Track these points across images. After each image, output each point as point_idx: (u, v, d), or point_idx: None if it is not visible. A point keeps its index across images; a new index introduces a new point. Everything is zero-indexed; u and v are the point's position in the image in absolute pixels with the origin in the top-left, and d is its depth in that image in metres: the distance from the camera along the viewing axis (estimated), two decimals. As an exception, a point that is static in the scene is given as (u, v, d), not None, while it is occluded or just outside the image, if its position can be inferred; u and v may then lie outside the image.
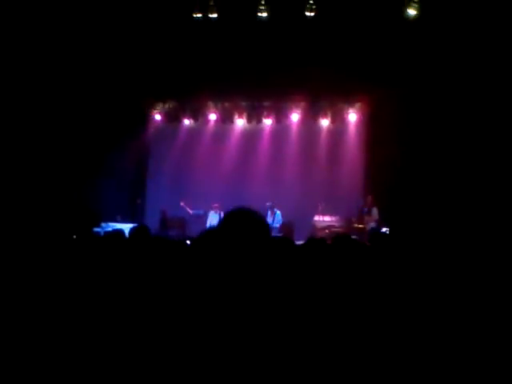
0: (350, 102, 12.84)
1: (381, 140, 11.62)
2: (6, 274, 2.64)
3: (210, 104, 13.58)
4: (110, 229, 8.80)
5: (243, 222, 1.78)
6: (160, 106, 13.80)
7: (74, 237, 4.35)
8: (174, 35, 11.76)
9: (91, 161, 12.29)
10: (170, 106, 13.81)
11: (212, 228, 1.84)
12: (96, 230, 9.83)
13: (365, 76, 11.40)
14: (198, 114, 13.79)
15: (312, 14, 10.90)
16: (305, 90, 12.03)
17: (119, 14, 11.00)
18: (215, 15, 11.26)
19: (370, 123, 12.42)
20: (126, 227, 5.68)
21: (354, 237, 9.65)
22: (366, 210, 11.06)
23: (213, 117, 13.68)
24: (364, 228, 10.83)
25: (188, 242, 3.69)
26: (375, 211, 10.95)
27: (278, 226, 11.82)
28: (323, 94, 12.45)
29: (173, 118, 13.89)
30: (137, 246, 2.91)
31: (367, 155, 12.34)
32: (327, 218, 11.46)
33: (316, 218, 11.50)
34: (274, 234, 11.33)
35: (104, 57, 11.73)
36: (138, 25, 11.40)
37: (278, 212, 11.95)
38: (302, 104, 13.00)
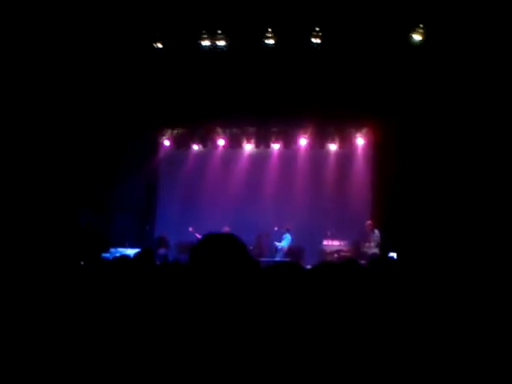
0: (358, 127, 12.88)
1: (389, 164, 11.65)
2: (14, 295, 2.66)
3: (219, 130, 13.68)
4: (118, 254, 8.83)
5: (213, 245, 1.81)
6: (169, 133, 13.92)
7: (82, 262, 4.37)
8: (183, 63, 11.95)
9: (101, 187, 12.40)
10: (179, 132, 13.92)
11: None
12: (105, 255, 9.89)
13: (371, 101, 11.48)
14: (207, 140, 13.89)
15: (318, 40, 11.05)
16: (312, 115, 12.11)
17: (129, 44, 11.23)
18: (223, 43, 11.45)
19: (378, 147, 12.43)
20: (135, 252, 5.68)
21: (362, 261, 9.72)
22: (370, 234, 10.99)
23: (221, 142, 13.78)
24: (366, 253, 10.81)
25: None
26: (376, 235, 10.88)
27: (284, 248, 11.79)
28: (330, 119, 12.50)
29: (182, 143, 14.00)
30: (141, 268, 2.94)
31: (375, 179, 12.33)
32: (336, 243, 11.44)
33: (325, 242, 11.49)
34: (280, 257, 11.34)
35: (114, 85, 11.93)
36: (146, 53, 11.62)
37: (287, 235, 11.94)
38: (310, 129, 13.06)
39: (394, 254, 9.71)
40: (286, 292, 2.04)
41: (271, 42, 11.28)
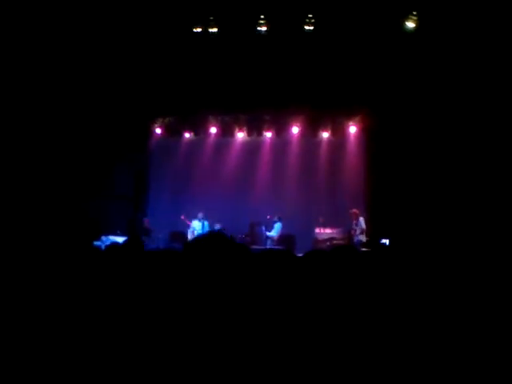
0: (350, 115, 12.85)
1: (381, 152, 11.67)
2: (7, 282, 2.64)
3: (210, 118, 13.61)
4: (109, 242, 8.79)
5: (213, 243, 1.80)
6: (160, 121, 13.83)
7: (74, 250, 4.33)
8: (175, 50, 11.84)
9: (93, 175, 12.33)
10: (171, 120, 13.84)
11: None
12: (96, 243, 9.84)
13: (364, 89, 11.46)
14: (199, 128, 13.83)
15: (311, 27, 10.99)
16: (304, 103, 12.06)
17: (120, 30, 11.11)
18: (215, 29, 11.35)
19: (370, 135, 12.44)
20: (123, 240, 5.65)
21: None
22: (354, 223, 11.03)
23: (213, 130, 13.72)
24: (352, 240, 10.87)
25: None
26: (361, 222, 10.93)
27: (274, 237, 11.79)
28: (323, 107, 12.46)
29: (173, 131, 13.93)
30: (131, 256, 2.92)
31: (368, 167, 12.35)
32: (328, 231, 11.45)
33: (317, 230, 11.50)
34: (270, 245, 11.35)
35: (104, 72, 11.81)
36: (138, 40, 11.50)
37: (278, 224, 11.93)
38: (302, 117, 13.02)
39: (386, 241, 9.76)
40: (276, 278, 2.03)
41: (264, 29, 11.20)
